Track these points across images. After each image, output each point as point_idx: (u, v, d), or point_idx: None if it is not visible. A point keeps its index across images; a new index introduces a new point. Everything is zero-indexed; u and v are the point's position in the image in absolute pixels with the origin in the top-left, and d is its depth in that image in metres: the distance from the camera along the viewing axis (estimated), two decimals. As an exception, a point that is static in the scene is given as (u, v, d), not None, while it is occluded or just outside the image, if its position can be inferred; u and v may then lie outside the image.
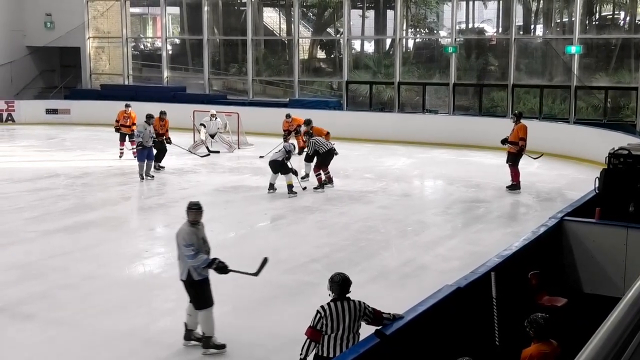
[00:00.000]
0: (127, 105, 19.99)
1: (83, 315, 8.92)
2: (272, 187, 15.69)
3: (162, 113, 18.34)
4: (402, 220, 13.66)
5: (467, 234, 12.82)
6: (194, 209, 8.25)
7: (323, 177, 16.16)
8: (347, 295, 6.16)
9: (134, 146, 18.91)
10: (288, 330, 8.50)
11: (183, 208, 14.81)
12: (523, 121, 16.07)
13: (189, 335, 8.06)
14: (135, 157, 18.14)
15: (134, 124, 19.55)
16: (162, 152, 18.15)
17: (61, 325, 8.63)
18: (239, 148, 22.10)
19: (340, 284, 6.16)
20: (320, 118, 23.53)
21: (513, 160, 15.84)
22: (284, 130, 20.39)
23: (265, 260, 8.12)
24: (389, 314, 6.10)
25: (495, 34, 26.45)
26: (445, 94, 25.14)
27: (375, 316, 6.09)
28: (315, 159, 16.25)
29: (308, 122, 17.22)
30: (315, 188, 15.94)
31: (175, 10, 31.36)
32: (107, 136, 22.93)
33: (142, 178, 16.85)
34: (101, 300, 9.40)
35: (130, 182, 16.86)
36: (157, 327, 8.58)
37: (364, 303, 6.17)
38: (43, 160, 19.49)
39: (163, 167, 18.16)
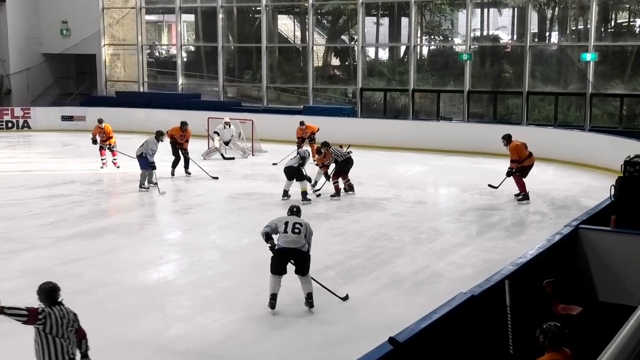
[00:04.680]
0: (100, 121, 19.64)
1: (96, 321, 8.90)
2: (286, 194, 15.69)
3: (184, 124, 18.34)
4: (415, 227, 13.62)
5: (481, 241, 12.76)
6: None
7: (342, 185, 16.11)
8: (60, 301, 6.16)
9: (115, 157, 19.34)
10: (301, 337, 8.50)
11: (197, 215, 15.04)
12: (516, 139, 15.97)
13: None
14: (117, 167, 19.27)
15: (110, 137, 19.44)
16: (185, 160, 18.33)
17: (75, 331, 8.64)
18: (253, 155, 22.12)
19: (47, 291, 6.19)
20: (334, 125, 23.64)
21: (520, 171, 15.67)
22: (298, 138, 20.38)
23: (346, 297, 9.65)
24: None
25: (510, 41, 26.36)
26: (459, 101, 25.09)
27: (78, 333, 6.18)
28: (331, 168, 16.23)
29: (325, 145, 16.77)
30: (331, 196, 15.90)
31: (190, 17, 31.48)
32: (122, 143, 23.02)
33: (143, 187, 16.82)
34: (115, 307, 9.43)
35: (144, 188, 16.87)
36: (170, 334, 8.58)
37: (76, 315, 6.18)
38: (58, 167, 19.58)
39: (189, 173, 18.42)
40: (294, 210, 9.63)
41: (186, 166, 18.39)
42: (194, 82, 30.44)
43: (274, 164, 19.81)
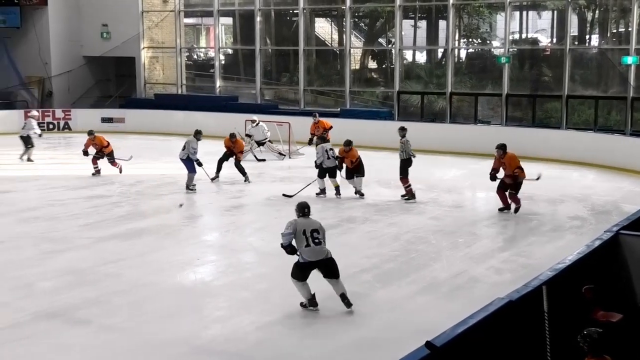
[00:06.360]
0: (90, 133, 19.33)
1: (135, 321, 9.04)
2: (323, 191, 16.08)
3: (232, 135, 18.23)
4: (453, 231, 13.54)
5: (519, 246, 12.66)
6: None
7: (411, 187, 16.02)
8: None
9: (116, 166, 19.09)
10: (337, 340, 8.50)
11: (235, 216, 15.14)
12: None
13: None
14: (120, 172, 18.98)
15: (104, 146, 19.05)
16: (239, 169, 18.21)
17: (113, 331, 8.75)
18: (290, 157, 22.19)
19: None
20: (371, 128, 23.64)
21: (517, 189, 14.76)
22: (312, 134, 20.47)
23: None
24: None
25: (549, 44, 26.12)
26: (497, 105, 24.90)
27: None
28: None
29: (348, 143, 16.39)
30: (407, 199, 15.92)
31: (228, 20, 31.69)
32: (161, 145, 23.28)
33: (190, 188, 16.95)
34: (153, 307, 9.52)
35: (182, 190, 17.01)
36: (207, 335, 8.64)
37: None
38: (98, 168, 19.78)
39: (249, 181, 18.18)
40: (306, 211, 9.38)
41: (243, 174, 18.15)
42: (231, 85, 30.63)
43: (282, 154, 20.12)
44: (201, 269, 11.45)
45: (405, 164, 15.95)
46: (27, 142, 21.51)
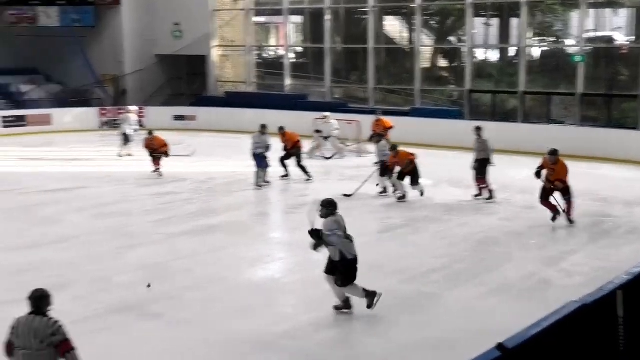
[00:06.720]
0: (149, 133, 19.62)
1: (206, 316, 9.20)
2: (385, 190, 16.10)
3: (280, 129, 18.33)
4: (524, 233, 13.36)
5: (593, 249, 12.40)
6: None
7: (490, 187, 15.79)
8: (45, 311, 5.73)
9: (158, 166, 19.04)
10: (406, 339, 8.47)
11: (303, 214, 15.13)
12: None
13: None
14: (159, 175, 18.85)
15: (162, 146, 19.23)
16: (300, 166, 18.25)
17: (185, 325, 8.92)
18: (361, 156, 22.08)
19: (33, 298, 5.75)
20: (442, 127, 23.43)
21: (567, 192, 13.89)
22: (373, 131, 20.38)
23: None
24: None
25: (626, 43, 25.45)
26: (571, 104, 24.37)
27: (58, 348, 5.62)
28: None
29: (392, 148, 16.19)
30: (487, 199, 15.75)
31: (298, 19, 31.83)
32: (232, 142, 23.56)
33: (259, 184, 17.15)
34: (223, 303, 9.67)
35: (253, 188, 17.19)
36: (276, 331, 8.71)
37: (58, 325, 5.68)
38: (170, 165, 20.12)
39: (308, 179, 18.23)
40: (337, 210, 9.13)
41: (305, 172, 18.24)
42: (301, 83, 30.72)
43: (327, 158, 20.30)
44: (271, 266, 11.60)
45: (484, 164, 15.73)
46: (127, 138, 22.05)
